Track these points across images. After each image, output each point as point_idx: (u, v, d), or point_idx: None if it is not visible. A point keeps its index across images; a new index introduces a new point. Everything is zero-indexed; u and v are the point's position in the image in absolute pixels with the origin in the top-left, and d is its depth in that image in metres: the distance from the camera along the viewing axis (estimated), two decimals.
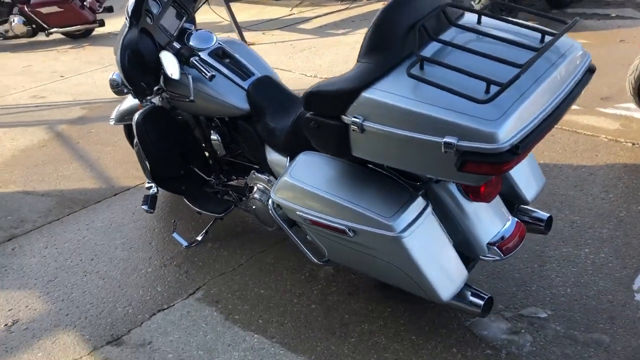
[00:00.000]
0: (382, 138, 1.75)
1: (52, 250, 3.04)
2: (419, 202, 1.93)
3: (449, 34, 1.84)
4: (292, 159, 2.27)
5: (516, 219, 2.13)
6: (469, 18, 1.93)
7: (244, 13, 7.96)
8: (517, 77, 1.56)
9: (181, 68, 2.53)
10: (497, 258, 2.05)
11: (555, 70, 1.72)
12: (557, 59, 1.76)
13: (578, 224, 2.76)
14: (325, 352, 2.20)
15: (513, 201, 2.28)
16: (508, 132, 1.57)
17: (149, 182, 2.96)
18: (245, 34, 6.78)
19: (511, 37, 1.79)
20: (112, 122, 3.29)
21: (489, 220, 2.08)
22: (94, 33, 7.84)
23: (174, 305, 2.54)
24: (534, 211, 2.30)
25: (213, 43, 2.65)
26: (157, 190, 2.92)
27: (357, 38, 6.19)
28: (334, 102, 1.81)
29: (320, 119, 1.88)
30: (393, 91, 1.71)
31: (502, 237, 2.07)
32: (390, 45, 1.77)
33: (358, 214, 1.94)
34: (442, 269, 1.95)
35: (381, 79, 1.75)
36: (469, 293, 2.02)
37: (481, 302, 1.98)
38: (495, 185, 1.98)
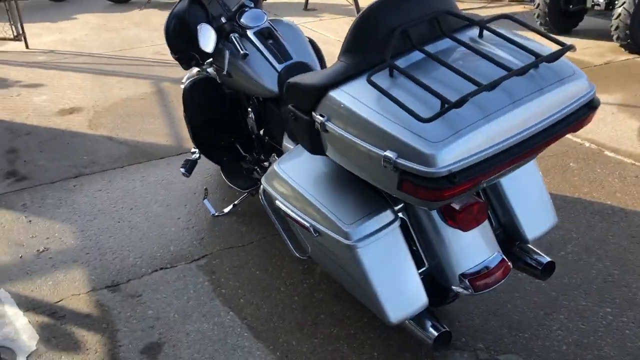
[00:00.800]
0: (339, 141, 1.69)
1: (103, 194, 3.32)
2: (386, 215, 1.83)
3: (439, 45, 1.70)
4: None
5: (501, 256, 1.93)
6: (474, 31, 1.76)
7: None
8: (464, 98, 1.42)
9: (222, 43, 2.61)
10: (467, 292, 1.89)
11: (541, 96, 1.54)
12: (549, 85, 1.56)
13: (614, 279, 2.45)
14: (284, 346, 2.19)
15: (513, 237, 2.08)
16: (450, 157, 1.44)
17: (194, 148, 3.09)
18: None
19: (504, 55, 1.62)
20: (182, 86, 3.47)
21: (469, 251, 1.91)
22: None
23: (176, 266, 2.66)
24: (535, 252, 2.08)
25: (262, 23, 2.68)
26: (199, 156, 3.04)
27: None
28: (306, 96, 1.77)
29: (296, 112, 1.85)
30: (356, 95, 1.63)
31: (480, 271, 1.90)
32: (368, 48, 1.68)
33: (322, 215, 1.89)
34: (396, 290, 1.84)
35: (350, 80, 1.67)
36: (429, 322, 1.89)
37: (435, 334, 1.84)
38: (475, 214, 1.82)
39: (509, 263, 1.95)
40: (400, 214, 1.91)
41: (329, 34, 6.33)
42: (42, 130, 4.22)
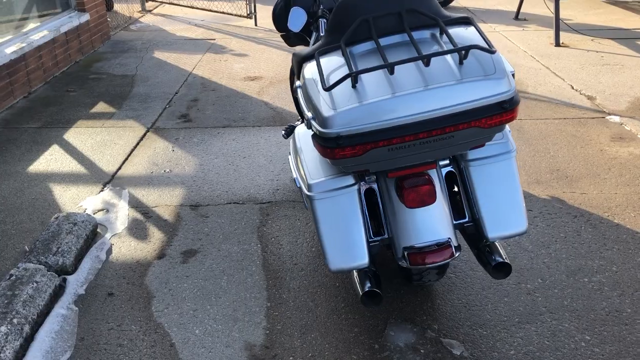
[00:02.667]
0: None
1: (233, 143, 4.05)
2: (347, 179, 2.13)
3: (395, 38, 1.95)
4: None
5: (447, 241, 2.08)
6: (436, 29, 1.96)
7: (603, 17, 7.44)
8: (350, 74, 1.69)
9: (313, 26, 3.07)
10: (405, 265, 2.10)
11: (453, 86, 1.71)
12: (468, 78, 1.72)
13: (620, 316, 2.34)
14: (279, 278, 2.62)
15: (480, 234, 2.18)
16: (341, 122, 1.72)
17: (299, 116, 3.62)
18: (570, 36, 6.47)
19: (438, 50, 1.82)
20: None
21: (417, 228, 2.10)
22: (450, 4, 8.48)
23: (245, 204, 3.25)
24: (496, 251, 2.15)
25: None
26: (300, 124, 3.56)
27: None
28: (296, 66, 2.16)
29: (295, 79, 2.24)
30: (313, 68, 1.98)
31: (421, 249, 2.08)
32: (337, 31, 2.01)
33: (302, 170, 2.26)
34: (340, 243, 2.12)
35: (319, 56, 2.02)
36: (368, 282, 2.14)
37: (364, 289, 2.09)
38: (421, 194, 2.02)
39: (453, 250, 2.08)
40: (372, 185, 2.18)
41: (520, 44, 6.25)
42: (224, 89, 5.16)
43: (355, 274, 2.18)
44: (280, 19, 3.23)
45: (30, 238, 2.94)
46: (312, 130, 1.85)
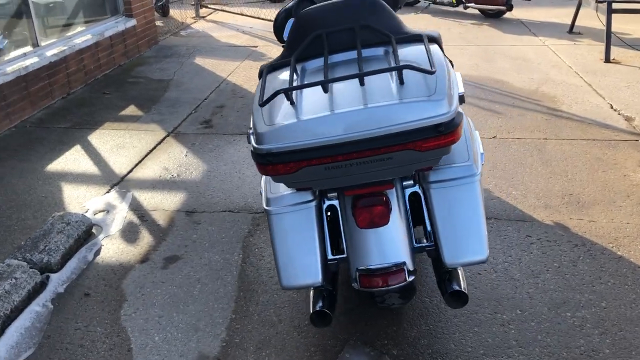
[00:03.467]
0: None
1: (245, 151, 4.09)
2: (306, 195, 2.10)
3: (347, 54, 1.90)
4: None
5: (402, 265, 2.00)
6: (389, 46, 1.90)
7: None
8: (278, 91, 1.65)
9: None
10: (356, 287, 2.04)
11: (390, 106, 1.65)
12: (408, 98, 1.65)
13: (597, 356, 2.17)
14: (251, 290, 2.61)
15: (439, 259, 2.09)
16: (272, 138, 1.69)
17: None
18: (625, 51, 6.13)
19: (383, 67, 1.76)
20: None
21: (372, 250, 2.03)
22: (503, 16, 8.23)
23: (240, 212, 3.26)
24: (455, 278, 2.05)
25: None
26: None
27: None
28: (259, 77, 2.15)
29: None
30: (266, 80, 1.96)
31: (374, 271, 2.01)
32: (294, 45, 1.98)
33: (266, 184, 2.25)
34: (293, 260, 2.09)
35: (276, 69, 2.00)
36: (321, 301, 2.10)
37: (315, 309, 2.04)
38: (373, 215, 1.96)
39: (406, 275, 2.00)
40: (332, 202, 2.13)
41: (567, 59, 5.97)
42: (252, 97, 5.22)
43: (311, 291, 2.14)
44: (280, 29, 3.23)
45: (29, 235, 3.07)
46: (250, 145, 1.83)
